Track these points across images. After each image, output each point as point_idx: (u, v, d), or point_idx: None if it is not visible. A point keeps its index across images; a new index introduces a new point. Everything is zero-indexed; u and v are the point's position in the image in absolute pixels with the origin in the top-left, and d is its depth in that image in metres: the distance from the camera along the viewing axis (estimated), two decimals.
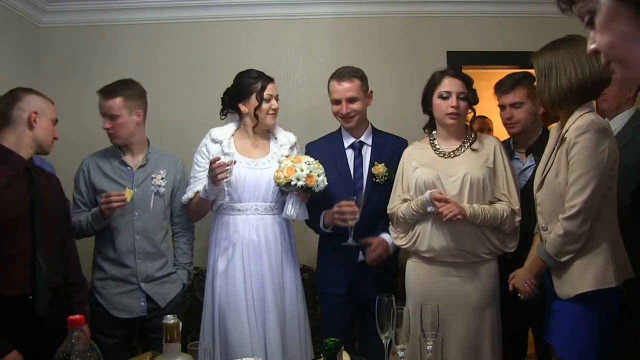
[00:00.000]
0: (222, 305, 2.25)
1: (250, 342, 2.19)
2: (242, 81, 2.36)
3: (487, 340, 2.12)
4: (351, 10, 3.28)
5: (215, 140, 2.36)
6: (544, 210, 1.89)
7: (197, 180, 2.34)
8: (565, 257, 1.78)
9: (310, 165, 2.23)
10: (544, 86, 1.83)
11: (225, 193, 2.28)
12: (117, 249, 2.30)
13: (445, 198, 2.07)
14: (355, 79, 2.38)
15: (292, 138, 2.48)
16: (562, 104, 1.82)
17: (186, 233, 2.50)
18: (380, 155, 2.38)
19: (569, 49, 1.79)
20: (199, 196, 2.29)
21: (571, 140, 1.75)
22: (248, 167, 2.31)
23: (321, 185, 2.24)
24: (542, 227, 1.89)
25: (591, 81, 1.76)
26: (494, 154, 2.20)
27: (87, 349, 1.23)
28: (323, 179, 2.25)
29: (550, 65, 1.81)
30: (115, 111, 2.28)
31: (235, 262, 2.27)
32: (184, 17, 3.24)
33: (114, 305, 2.28)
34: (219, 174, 2.15)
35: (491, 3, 3.30)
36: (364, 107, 2.40)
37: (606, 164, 1.72)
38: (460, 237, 2.11)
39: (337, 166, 2.40)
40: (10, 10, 2.91)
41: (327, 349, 1.27)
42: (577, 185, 1.73)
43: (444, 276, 2.15)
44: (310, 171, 2.21)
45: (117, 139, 2.34)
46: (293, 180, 2.19)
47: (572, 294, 1.76)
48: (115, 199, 2.18)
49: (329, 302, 2.44)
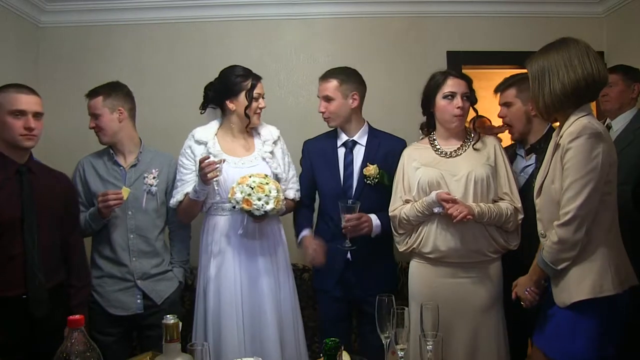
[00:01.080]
0: (214, 307, 2.24)
1: (242, 344, 2.18)
2: (229, 78, 2.34)
3: (492, 341, 2.12)
4: (351, 10, 3.28)
5: (200, 142, 2.34)
6: (542, 217, 1.86)
7: (185, 183, 2.32)
8: (562, 265, 1.74)
9: (251, 188, 2.13)
10: (538, 93, 1.79)
11: (215, 192, 2.26)
12: (113, 247, 2.32)
13: (452, 198, 2.06)
14: (333, 79, 2.39)
15: (275, 132, 2.46)
16: (559, 109, 1.78)
17: (181, 231, 2.51)
18: (374, 156, 2.38)
19: (561, 51, 1.75)
20: (189, 198, 2.27)
21: (564, 146, 1.72)
22: (235, 166, 2.29)
23: (263, 209, 2.13)
24: (541, 235, 1.86)
25: (585, 83, 1.72)
26: (494, 152, 2.20)
27: (86, 349, 1.23)
28: (265, 203, 2.13)
29: (543, 71, 1.77)
30: (96, 110, 2.34)
31: (227, 264, 2.26)
32: (184, 17, 3.24)
33: (111, 302, 2.30)
34: (209, 173, 2.14)
35: (491, 3, 3.30)
36: (341, 107, 2.39)
37: (601, 169, 1.68)
38: (467, 237, 2.10)
39: (327, 164, 2.42)
40: (10, 10, 2.91)
41: (327, 349, 1.27)
42: (571, 191, 1.70)
43: (451, 277, 2.15)
44: (249, 194, 2.12)
45: (104, 137, 2.37)
46: (232, 202, 2.16)
47: (569, 302, 1.72)
48: (112, 197, 2.20)
49: (324, 300, 2.46)
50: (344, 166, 2.41)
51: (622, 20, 3.20)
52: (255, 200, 2.13)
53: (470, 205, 2.07)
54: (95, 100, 2.34)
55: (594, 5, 3.32)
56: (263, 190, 2.14)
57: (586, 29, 3.16)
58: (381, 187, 2.34)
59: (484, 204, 2.11)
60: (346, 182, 2.39)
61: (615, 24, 3.25)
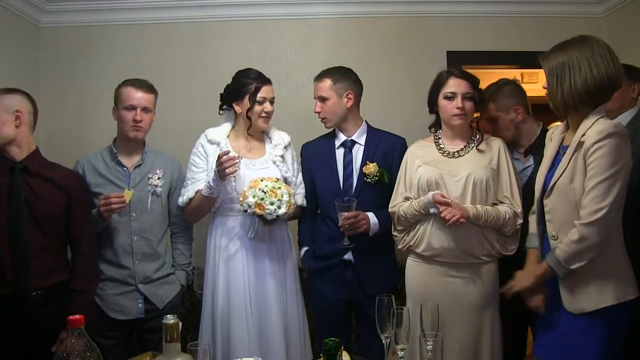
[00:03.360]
0: (223, 308, 2.24)
1: (252, 345, 2.18)
2: (239, 80, 2.36)
3: (486, 341, 2.12)
4: (351, 10, 3.28)
5: (212, 142, 2.35)
6: (554, 218, 1.80)
7: (196, 181, 2.32)
8: (576, 265, 1.68)
9: (264, 192, 2.14)
10: (556, 88, 1.74)
11: (233, 188, 2.26)
12: (115, 250, 2.29)
13: (447, 201, 2.06)
14: (326, 78, 2.40)
15: (286, 138, 2.48)
16: (577, 106, 1.74)
17: (184, 234, 2.49)
18: (373, 154, 2.38)
19: (583, 48, 1.72)
20: (201, 194, 2.27)
21: (591, 144, 1.66)
22: (246, 167, 2.30)
23: (275, 214, 2.14)
24: (552, 236, 1.80)
25: (608, 82, 1.70)
26: (498, 155, 2.19)
27: (86, 349, 1.23)
28: (277, 207, 2.15)
29: (562, 66, 1.72)
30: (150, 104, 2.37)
31: (237, 265, 2.26)
32: (184, 17, 3.24)
33: (112, 306, 2.27)
34: (228, 168, 2.14)
35: (491, 3, 3.30)
36: (336, 107, 2.39)
37: (627, 171, 1.66)
38: (461, 238, 2.11)
39: (326, 165, 2.43)
40: (10, 10, 2.91)
41: (327, 349, 1.27)
42: (598, 190, 1.64)
43: (443, 276, 2.16)
44: (262, 199, 2.13)
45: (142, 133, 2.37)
46: (244, 206, 2.17)
47: (589, 309, 1.66)
48: (115, 201, 2.16)
49: (323, 300, 2.45)
50: (344, 166, 2.41)
51: (622, 20, 3.20)
52: (267, 204, 2.13)
53: (465, 207, 2.07)
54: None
55: (594, 5, 3.32)
56: (275, 195, 2.15)
57: (586, 29, 3.15)
58: (381, 186, 2.34)
59: (480, 206, 2.11)
60: (346, 182, 2.39)
61: (615, 24, 3.25)
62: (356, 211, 2.24)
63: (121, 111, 2.31)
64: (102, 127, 2.43)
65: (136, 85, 2.32)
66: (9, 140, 2.00)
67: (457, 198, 2.11)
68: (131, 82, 2.33)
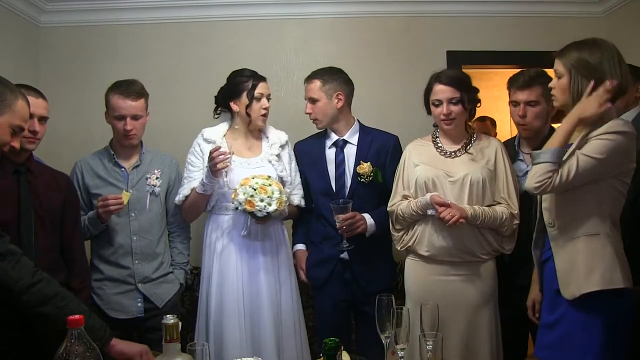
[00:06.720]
0: (216, 306, 2.24)
1: (243, 343, 2.18)
2: (234, 79, 2.37)
3: (485, 340, 2.13)
4: (351, 10, 3.28)
5: (209, 141, 2.36)
6: (550, 205, 1.82)
7: (192, 180, 2.33)
8: (539, 159, 1.71)
9: (253, 189, 2.14)
10: (573, 87, 1.75)
11: (224, 183, 2.26)
12: (114, 250, 2.30)
13: (446, 202, 2.07)
14: (316, 79, 2.41)
15: (284, 137, 2.48)
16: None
17: (182, 233, 2.50)
18: (366, 154, 2.38)
19: (599, 50, 1.74)
20: (196, 192, 2.28)
21: (595, 135, 1.68)
22: (242, 166, 2.31)
23: (266, 211, 2.14)
24: (549, 224, 1.82)
25: (625, 82, 1.72)
26: (495, 156, 2.19)
27: (86, 349, 1.23)
28: (267, 204, 2.14)
29: (588, 65, 1.73)
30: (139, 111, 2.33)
31: (230, 263, 2.27)
32: (184, 17, 3.24)
33: (111, 306, 2.28)
34: (219, 164, 2.15)
35: (491, 3, 3.30)
36: (327, 108, 2.39)
37: (619, 166, 1.69)
38: (459, 238, 2.12)
39: (316, 164, 2.44)
40: (10, 10, 2.91)
41: (326, 349, 1.27)
42: (573, 160, 1.67)
43: (442, 275, 2.16)
44: (252, 196, 2.14)
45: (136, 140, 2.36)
46: (235, 203, 2.18)
47: (578, 294, 1.70)
48: (113, 202, 2.17)
49: (322, 300, 2.46)
50: (335, 165, 2.41)
51: (621, 20, 3.20)
52: (257, 201, 2.14)
53: (463, 208, 2.07)
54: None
55: (594, 5, 3.32)
56: (265, 192, 2.15)
57: (586, 29, 3.15)
58: (375, 185, 2.34)
59: (478, 206, 2.11)
60: (338, 182, 2.39)
61: (615, 24, 3.25)
62: (353, 212, 2.25)
63: (111, 119, 2.32)
64: (102, 126, 2.42)
65: (124, 94, 2.27)
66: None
67: (454, 199, 2.11)
68: (119, 89, 2.29)
